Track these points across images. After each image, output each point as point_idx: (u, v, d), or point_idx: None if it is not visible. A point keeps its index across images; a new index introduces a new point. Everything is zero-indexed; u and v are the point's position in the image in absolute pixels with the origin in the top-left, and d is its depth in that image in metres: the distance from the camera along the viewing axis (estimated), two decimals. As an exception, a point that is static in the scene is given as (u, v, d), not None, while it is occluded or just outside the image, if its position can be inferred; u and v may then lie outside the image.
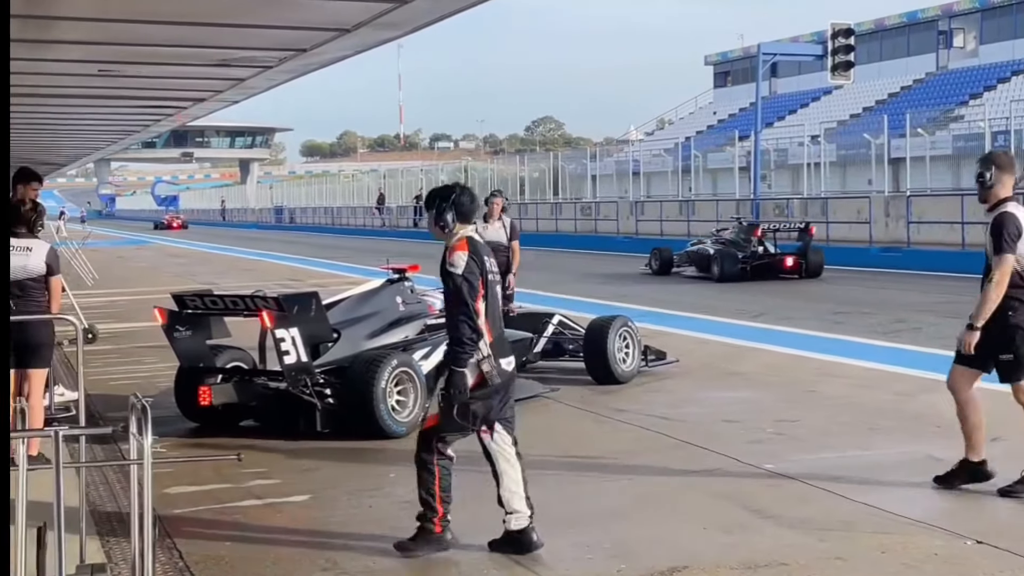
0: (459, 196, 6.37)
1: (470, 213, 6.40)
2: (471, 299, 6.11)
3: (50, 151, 31.15)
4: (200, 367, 9.63)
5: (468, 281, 6.12)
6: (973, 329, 7.06)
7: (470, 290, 6.11)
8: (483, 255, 6.27)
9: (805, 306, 18.75)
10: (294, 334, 8.77)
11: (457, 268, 6.14)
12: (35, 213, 8.38)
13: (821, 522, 6.65)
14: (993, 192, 7.20)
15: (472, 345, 6.12)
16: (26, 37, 11.27)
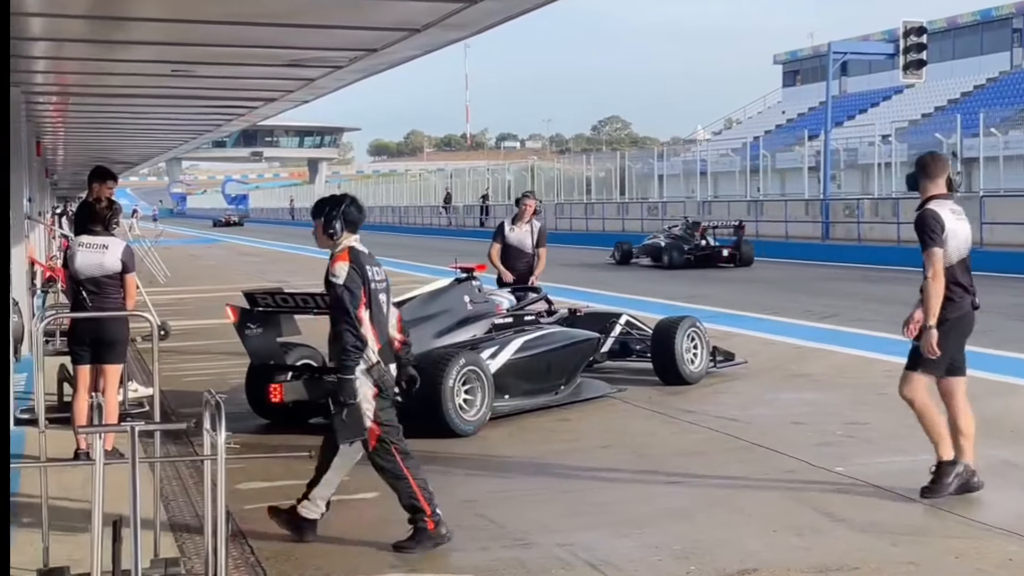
0: (348, 206, 6.65)
1: (357, 223, 6.70)
2: (352, 308, 6.36)
3: (123, 150, 31.62)
4: (271, 364, 9.70)
5: (349, 290, 6.37)
6: (930, 329, 7.16)
7: (351, 299, 6.37)
8: (365, 265, 6.53)
9: (875, 308, 18.54)
10: None
11: (339, 278, 6.40)
12: (110, 211, 8.50)
13: (893, 526, 6.58)
14: (921, 192, 7.48)
15: (357, 352, 6.37)
16: (99, 38, 11.45)
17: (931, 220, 7.27)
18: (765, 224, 39.31)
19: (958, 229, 7.35)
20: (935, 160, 7.62)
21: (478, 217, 63.37)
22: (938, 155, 7.80)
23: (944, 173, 7.51)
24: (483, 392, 9.41)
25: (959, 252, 7.35)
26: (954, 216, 7.37)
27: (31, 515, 6.72)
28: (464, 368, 9.29)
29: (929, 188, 7.47)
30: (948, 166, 7.62)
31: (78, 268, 8.34)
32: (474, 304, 10.50)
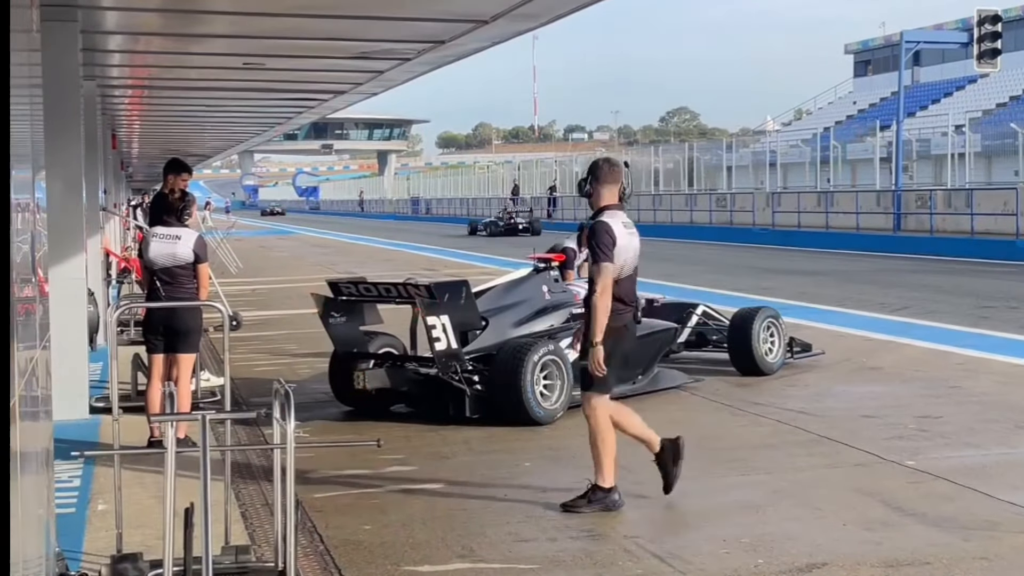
0: None
1: None
2: None
3: (196, 142, 32.00)
4: (354, 352, 9.83)
5: None
6: (595, 346, 6.72)
7: None
8: None
9: (948, 300, 18.29)
10: (445, 321, 8.95)
11: None
12: (183, 202, 8.61)
13: (965, 521, 6.49)
14: (593, 201, 7.03)
15: None
16: (173, 31, 11.60)
17: (603, 233, 6.80)
18: (835, 216, 38.92)
19: (629, 244, 6.93)
20: (609, 166, 7.14)
21: (545, 209, 63.34)
22: (613, 160, 7.33)
23: (618, 181, 7.05)
24: (562, 381, 9.46)
25: (628, 268, 6.93)
26: (626, 230, 6.96)
27: (105, 502, 6.84)
28: (544, 357, 9.35)
29: (603, 196, 7.02)
30: (622, 173, 7.12)
31: (152, 258, 8.47)
32: (552, 294, 10.58)
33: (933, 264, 26.77)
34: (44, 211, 5.41)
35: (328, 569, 5.86)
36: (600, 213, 6.99)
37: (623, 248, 6.84)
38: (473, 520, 6.71)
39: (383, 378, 9.57)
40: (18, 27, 3.88)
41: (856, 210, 37.89)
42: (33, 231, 4.37)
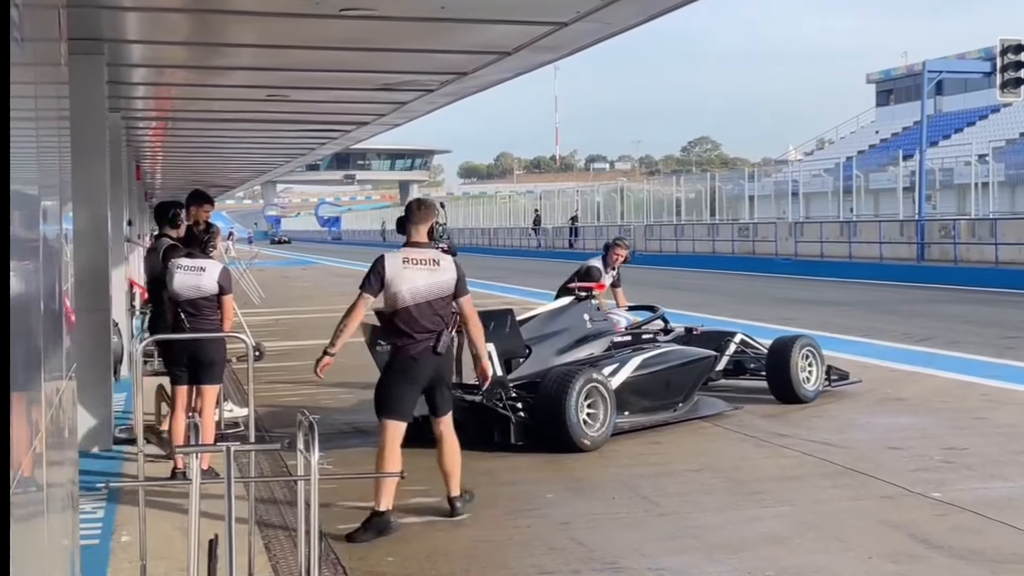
0: None
1: None
2: None
3: (219, 173, 32.17)
4: None
5: None
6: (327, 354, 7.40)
7: None
8: None
9: (972, 330, 18.20)
10: (490, 349, 8.98)
11: None
12: (208, 234, 8.65)
13: (993, 554, 6.43)
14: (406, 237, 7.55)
15: None
16: (197, 64, 11.69)
17: (377, 265, 7.45)
18: (858, 245, 38.82)
19: (405, 278, 7.33)
20: (421, 207, 7.68)
21: (567, 239, 63.39)
22: (426, 201, 7.93)
23: (428, 221, 7.56)
24: (606, 407, 9.55)
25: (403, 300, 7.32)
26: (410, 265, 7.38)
27: (129, 533, 6.84)
28: (587, 384, 9.43)
29: (411, 234, 7.51)
30: (433, 214, 7.65)
31: (176, 290, 8.50)
32: (594, 322, 10.70)
33: (957, 294, 26.64)
34: (70, 242, 5.44)
35: (351, 601, 5.85)
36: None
37: (393, 281, 7.31)
38: (496, 552, 6.69)
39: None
40: (46, 60, 3.92)
41: (879, 240, 37.79)
42: (60, 262, 4.40)
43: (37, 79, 3.46)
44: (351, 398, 12.10)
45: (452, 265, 7.47)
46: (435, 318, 7.34)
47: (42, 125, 3.61)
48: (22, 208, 2.97)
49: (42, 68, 3.72)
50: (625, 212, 64.52)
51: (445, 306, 7.42)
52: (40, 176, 3.55)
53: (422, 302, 7.30)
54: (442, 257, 7.50)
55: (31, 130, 3.26)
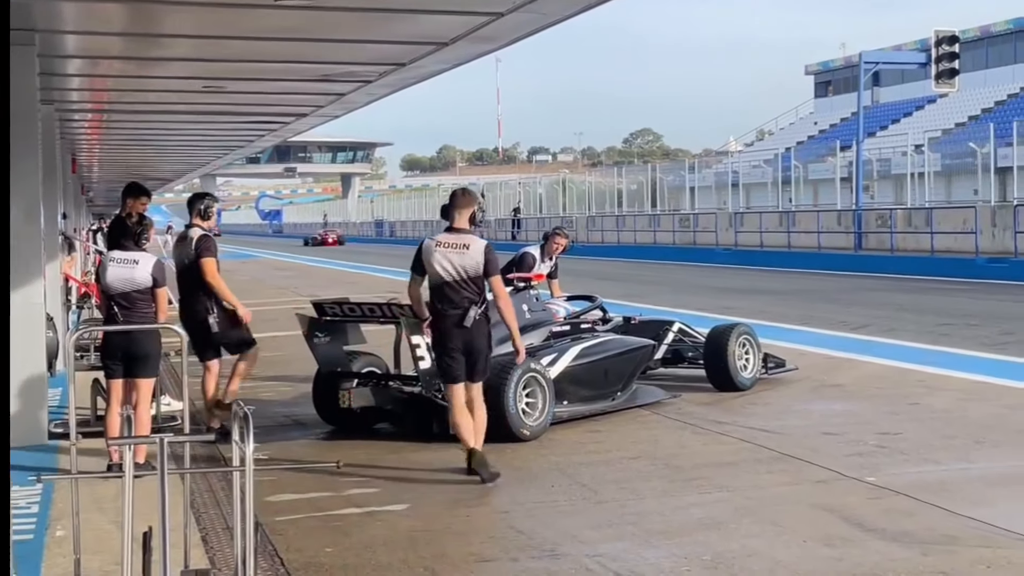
0: None
1: None
2: None
3: (157, 166, 31.87)
4: (338, 372, 9.91)
5: None
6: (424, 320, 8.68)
7: None
8: None
9: (908, 318, 18.44)
10: (428, 340, 8.97)
11: None
12: (141, 226, 8.57)
13: (924, 536, 6.54)
14: None
15: None
16: (132, 55, 11.57)
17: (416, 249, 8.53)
18: (797, 235, 39.18)
19: (435, 260, 8.28)
20: (463, 194, 8.55)
21: (510, 231, 63.44)
22: (468, 190, 8.74)
23: (470, 208, 8.41)
24: (544, 397, 9.59)
25: (434, 278, 8.33)
26: (441, 248, 8.30)
27: (63, 528, 6.78)
28: (526, 374, 9.45)
29: (454, 219, 8.40)
30: (475, 201, 8.52)
31: (109, 283, 8.41)
32: (532, 312, 10.73)
33: (894, 282, 26.97)
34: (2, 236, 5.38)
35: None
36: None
37: (427, 262, 8.33)
38: (435, 541, 6.70)
39: (368, 397, 9.69)
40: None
41: (818, 229, 38.16)
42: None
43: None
44: (290, 391, 12.04)
45: (481, 249, 8.25)
46: (464, 296, 8.23)
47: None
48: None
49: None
50: (567, 204, 64.68)
51: (472, 286, 8.25)
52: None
53: (451, 280, 8.22)
54: (473, 241, 8.28)
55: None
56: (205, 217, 9.95)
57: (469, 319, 8.20)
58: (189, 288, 9.82)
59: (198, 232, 9.84)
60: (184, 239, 9.96)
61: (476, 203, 8.53)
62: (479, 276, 8.26)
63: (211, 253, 9.75)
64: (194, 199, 10.10)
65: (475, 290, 8.28)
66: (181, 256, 9.91)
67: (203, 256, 9.71)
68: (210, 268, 9.71)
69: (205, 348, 9.84)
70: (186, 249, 9.83)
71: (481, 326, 8.36)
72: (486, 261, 8.23)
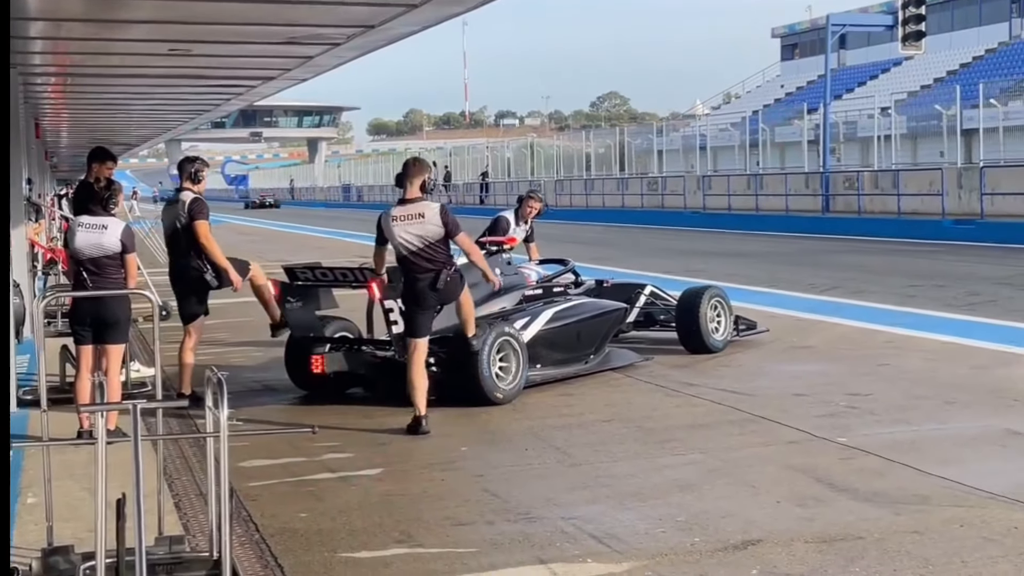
0: None
1: None
2: None
3: (122, 131, 31.54)
4: (310, 337, 9.88)
5: None
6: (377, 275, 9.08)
7: None
8: None
9: (876, 279, 18.53)
10: (401, 304, 8.95)
11: None
12: (109, 191, 8.47)
13: (897, 496, 6.58)
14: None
15: None
16: (95, 17, 11.40)
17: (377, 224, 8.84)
18: (765, 198, 39.29)
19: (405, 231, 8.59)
20: (414, 163, 8.83)
21: (478, 195, 63.32)
22: (420, 159, 9.02)
23: (421, 176, 8.71)
24: (518, 361, 9.60)
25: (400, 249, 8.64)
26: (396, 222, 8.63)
27: (35, 495, 6.73)
28: (499, 338, 9.46)
29: (406, 188, 8.73)
30: (426, 170, 8.84)
31: (78, 248, 8.33)
32: (504, 276, 10.67)
33: (861, 244, 27.12)
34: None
35: (264, 558, 5.82)
36: None
37: (389, 237, 8.68)
38: (410, 506, 6.69)
39: (341, 362, 9.69)
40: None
41: (785, 192, 38.29)
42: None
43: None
44: (261, 356, 12.00)
45: (437, 213, 8.56)
46: (431, 261, 8.54)
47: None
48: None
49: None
50: (535, 168, 64.58)
51: (439, 250, 8.57)
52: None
53: (415, 250, 8.55)
54: (427, 208, 8.58)
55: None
56: (196, 181, 9.87)
57: (441, 281, 8.54)
58: (180, 250, 9.79)
59: (190, 196, 9.76)
60: (175, 202, 9.89)
61: (427, 171, 8.84)
62: (441, 239, 8.58)
63: (204, 216, 9.71)
64: (184, 163, 10.02)
65: (441, 253, 8.61)
66: (172, 219, 9.83)
67: (196, 219, 9.65)
68: (203, 230, 9.68)
69: (193, 308, 9.82)
70: (177, 212, 9.76)
71: (454, 285, 8.71)
72: (444, 224, 8.55)
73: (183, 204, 9.74)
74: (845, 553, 5.62)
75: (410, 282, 8.62)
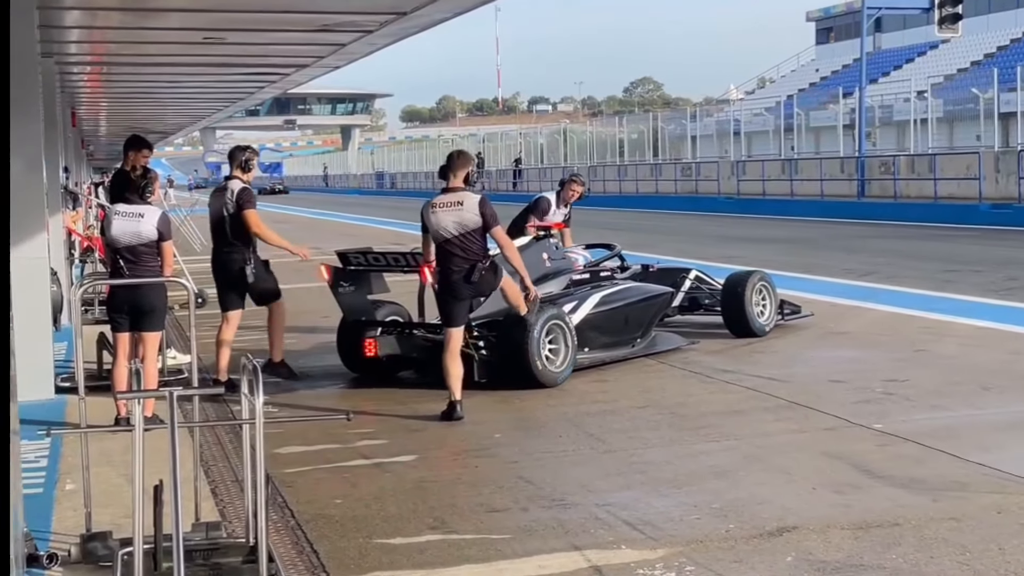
0: None
1: None
2: None
3: (157, 119, 31.71)
4: (362, 321, 10.00)
5: None
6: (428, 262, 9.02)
7: None
8: None
9: (912, 265, 18.41)
10: (433, 283, 9.02)
11: None
12: (145, 179, 8.51)
13: (934, 482, 6.54)
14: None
15: None
16: (130, 6, 11.46)
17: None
18: (800, 183, 39.05)
19: (442, 219, 8.69)
20: (457, 156, 8.89)
21: (511, 181, 63.26)
22: (463, 152, 9.09)
23: (465, 168, 8.75)
24: (566, 344, 9.68)
25: (437, 237, 8.74)
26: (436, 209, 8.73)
27: (73, 481, 6.79)
28: (548, 321, 9.53)
29: (448, 179, 8.77)
30: (470, 162, 8.88)
31: (114, 236, 8.38)
32: (552, 261, 10.83)
33: (897, 229, 26.92)
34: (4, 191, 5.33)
35: (299, 544, 5.84)
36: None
37: (428, 223, 8.80)
38: (444, 492, 6.70)
39: (393, 345, 9.81)
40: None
41: (820, 177, 38.04)
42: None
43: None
44: (296, 343, 12.04)
45: (476, 204, 8.57)
46: (467, 251, 8.60)
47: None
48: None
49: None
50: (568, 154, 64.43)
51: (475, 241, 8.60)
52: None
53: (451, 238, 8.61)
54: (466, 197, 8.61)
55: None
56: (246, 169, 9.97)
57: (475, 274, 8.59)
58: (224, 239, 9.88)
59: (238, 184, 9.84)
60: (223, 190, 9.94)
61: (471, 164, 8.87)
62: (478, 230, 8.61)
63: (252, 205, 9.81)
64: (235, 151, 10.11)
65: (477, 244, 8.64)
66: (219, 206, 9.89)
67: (245, 208, 9.75)
68: (254, 219, 9.79)
69: (233, 298, 9.90)
70: (224, 201, 9.83)
71: (489, 277, 8.76)
72: (482, 215, 8.56)
73: (232, 192, 9.81)
74: (882, 540, 5.59)
75: (445, 273, 8.69)
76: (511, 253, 9.00)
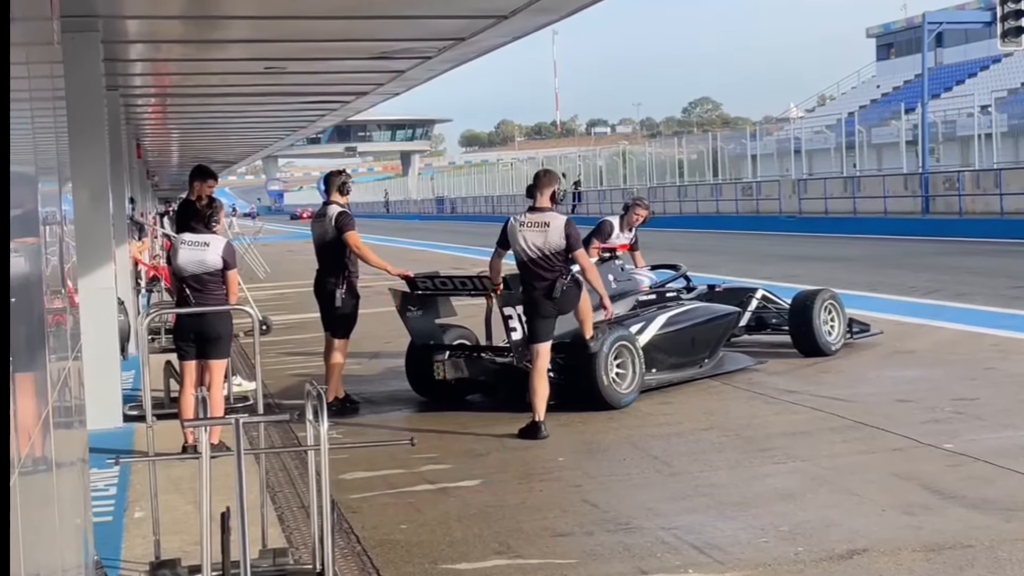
0: None
1: None
2: None
3: (220, 149, 32.09)
4: (431, 344, 10.05)
5: None
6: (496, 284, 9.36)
7: None
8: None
9: (979, 281, 18.16)
10: (520, 311, 9.08)
11: None
12: (211, 209, 8.61)
13: (1006, 503, 6.43)
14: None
15: None
16: (193, 38, 11.62)
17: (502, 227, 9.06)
18: (862, 201, 38.71)
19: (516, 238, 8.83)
20: (544, 175, 9.11)
21: (571, 204, 63.24)
22: (550, 171, 9.37)
23: (551, 187, 8.96)
24: (634, 365, 9.69)
25: (521, 255, 8.85)
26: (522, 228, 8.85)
27: (142, 509, 6.86)
28: (616, 343, 9.54)
29: (536, 199, 8.98)
30: (556, 181, 9.10)
31: (181, 265, 8.47)
32: (618, 282, 10.85)
33: (963, 246, 26.58)
34: (71, 222, 5.42)
35: (366, 569, 5.86)
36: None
37: (511, 240, 8.88)
38: (509, 516, 6.69)
39: (462, 368, 9.85)
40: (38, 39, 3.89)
41: (883, 194, 37.69)
42: (61, 243, 4.38)
43: (30, 59, 3.43)
44: (359, 369, 12.10)
45: (562, 226, 8.71)
46: (549, 270, 8.71)
47: (37, 105, 3.58)
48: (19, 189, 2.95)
49: (34, 48, 3.69)
50: (628, 175, 64.38)
51: (557, 261, 8.73)
52: (37, 157, 3.53)
53: (535, 257, 8.74)
54: (553, 219, 8.77)
55: (25, 111, 3.24)
56: (344, 193, 10.19)
57: (557, 290, 8.70)
58: (325, 263, 10.08)
59: (336, 209, 10.02)
60: (323, 216, 10.12)
61: (557, 182, 9.08)
62: (561, 251, 8.73)
63: (352, 227, 9.96)
64: (331, 177, 10.33)
65: (559, 265, 8.76)
66: (321, 232, 10.09)
67: (345, 230, 9.90)
68: (355, 240, 9.94)
69: (329, 322, 10.09)
70: (326, 225, 10.01)
71: (570, 294, 8.84)
72: (567, 236, 8.68)
73: (330, 219, 9.98)
74: (954, 562, 5.50)
75: (527, 290, 8.83)
76: (592, 275, 9.09)
